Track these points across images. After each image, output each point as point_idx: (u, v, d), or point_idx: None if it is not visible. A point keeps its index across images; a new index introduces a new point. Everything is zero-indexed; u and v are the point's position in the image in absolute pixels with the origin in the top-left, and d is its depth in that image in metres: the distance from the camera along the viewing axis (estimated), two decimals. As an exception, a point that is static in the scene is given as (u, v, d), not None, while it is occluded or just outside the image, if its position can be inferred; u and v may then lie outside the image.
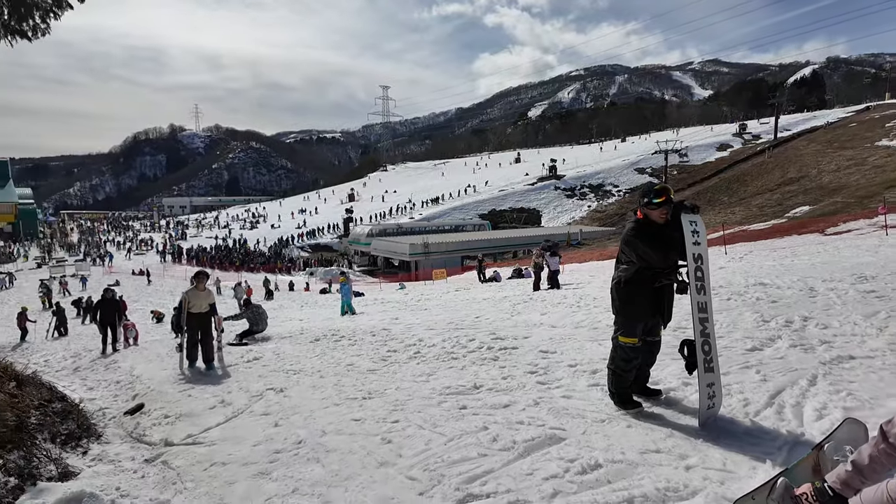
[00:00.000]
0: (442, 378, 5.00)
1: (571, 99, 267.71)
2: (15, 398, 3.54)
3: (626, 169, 78.27)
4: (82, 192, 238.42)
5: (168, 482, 3.00)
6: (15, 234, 62.23)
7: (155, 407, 4.84)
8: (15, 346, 14.00)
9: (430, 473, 2.88)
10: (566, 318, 7.89)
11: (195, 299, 7.03)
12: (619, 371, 3.57)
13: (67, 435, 3.60)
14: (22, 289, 34.86)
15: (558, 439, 3.21)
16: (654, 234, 3.37)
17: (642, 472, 2.69)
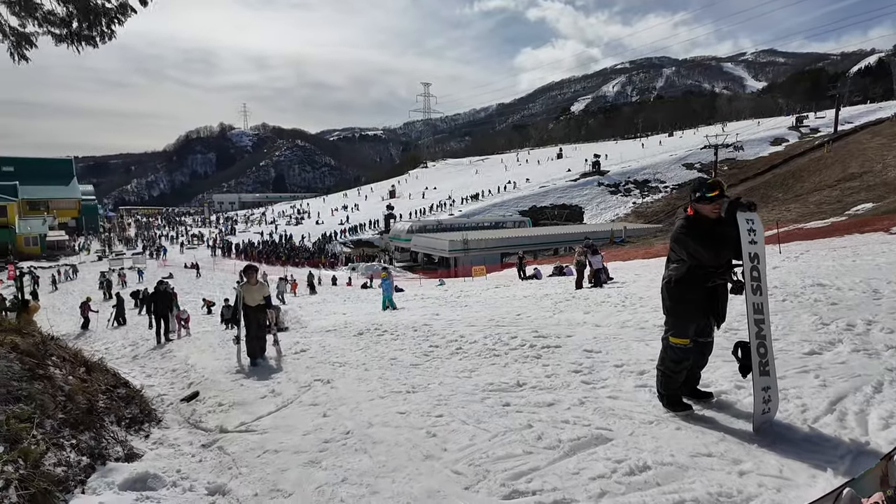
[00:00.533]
0: (484, 375, 5.01)
1: (616, 93, 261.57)
2: (85, 383, 3.78)
3: (674, 164, 75.94)
4: (139, 189, 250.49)
5: (224, 467, 3.15)
6: (78, 228, 65.99)
7: (209, 395, 5.06)
8: (78, 335, 14.88)
9: (476, 468, 2.90)
10: (611, 317, 7.75)
11: (249, 293, 7.05)
12: (669, 372, 3.49)
13: (131, 419, 3.82)
14: (85, 280, 37.00)
15: (605, 439, 3.17)
16: (705, 232, 3.27)
17: (693, 476, 2.63)
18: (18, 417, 2.62)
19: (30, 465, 2.39)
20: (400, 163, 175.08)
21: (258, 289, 7.14)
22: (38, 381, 3.13)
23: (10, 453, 2.38)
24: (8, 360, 3.13)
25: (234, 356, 7.13)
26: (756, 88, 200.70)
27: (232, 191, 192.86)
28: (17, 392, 2.84)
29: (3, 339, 3.47)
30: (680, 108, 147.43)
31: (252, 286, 7.10)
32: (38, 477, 2.38)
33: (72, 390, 3.31)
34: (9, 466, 2.31)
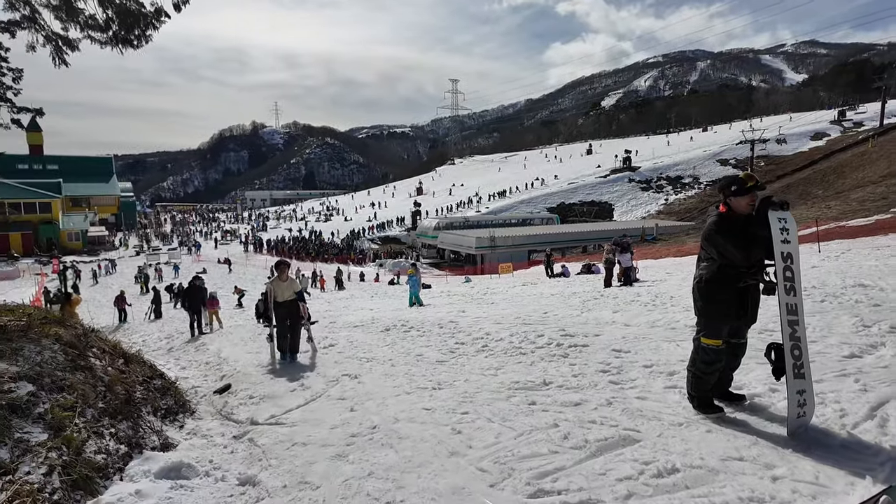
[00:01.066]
0: (510, 373, 5.00)
1: (648, 87, 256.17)
2: (123, 374, 3.92)
3: (708, 160, 73.97)
4: (174, 186, 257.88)
5: (254, 458, 3.23)
6: (117, 224, 68.38)
7: (241, 388, 5.19)
8: (116, 328, 15.42)
9: (501, 466, 2.90)
10: (640, 316, 7.62)
11: (279, 289, 6.93)
12: (700, 374, 3.41)
13: (167, 410, 3.95)
14: (123, 274, 38.34)
15: (632, 440, 3.13)
16: (737, 230, 3.19)
17: (723, 480, 2.58)
18: (62, 406, 2.74)
19: (72, 452, 2.51)
20: (427, 160, 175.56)
21: (289, 285, 7.02)
22: (79, 371, 3.27)
23: (53, 440, 2.49)
24: (52, 351, 3.28)
25: (267, 351, 7.10)
26: (796, 81, 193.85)
27: (264, 188, 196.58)
28: (61, 381, 2.97)
29: (48, 331, 3.64)
30: (715, 103, 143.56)
31: (282, 282, 6.97)
32: (79, 464, 2.49)
33: (111, 381, 3.45)
34: (52, 453, 2.42)
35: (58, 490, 2.31)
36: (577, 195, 69.37)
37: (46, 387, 2.84)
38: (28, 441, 2.42)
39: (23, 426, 2.48)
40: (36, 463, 2.33)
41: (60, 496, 2.30)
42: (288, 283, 7.03)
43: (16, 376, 2.72)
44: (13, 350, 3.05)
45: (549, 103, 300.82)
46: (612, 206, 67.17)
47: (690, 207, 62.65)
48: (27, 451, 2.34)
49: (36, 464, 2.33)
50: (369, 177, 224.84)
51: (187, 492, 2.71)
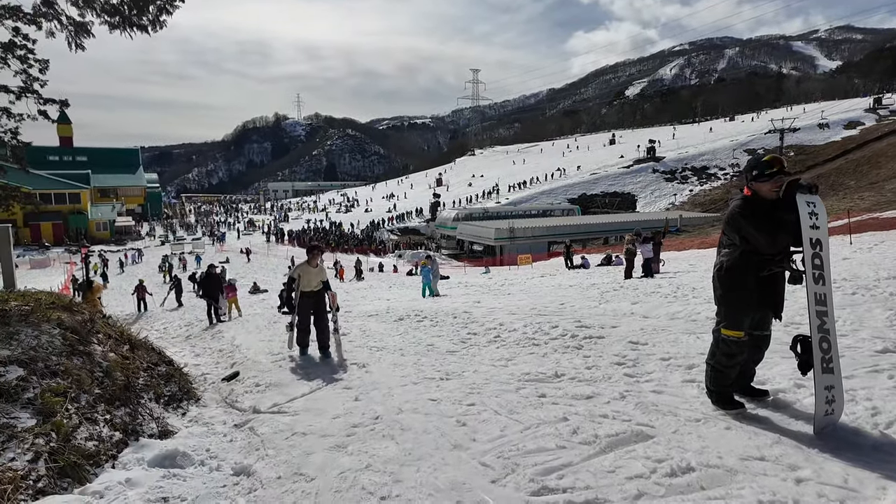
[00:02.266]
0: (521, 364, 4.84)
1: (674, 76, 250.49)
2: (126, 360, 3.89)
3: (735, 150, 72.04)
4: (199, 177, 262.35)
5: (252, 448, 3.15)
6: (143, 214, 69.87)
7: (249, 375, 5.15)
8: (137, 317, 15.68)
9: (504, 461, 2.76)
10: (660, 308, 7.37)
11: (307, 276, 6.17)
12: (720, 367, 3.21)
13: (170, 397, 3.91)
14: (149, 263, 39.16)
15: (645, 437, 2.96)
16: (762, 215, 2.97)
17: (742, 481, 2.39)
18: (53, 391, 2.69)
19: (61, 438, 2.45)
20: (447, 151, 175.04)
21: (318, 272, 6.26)
22: (77, 356, 3.22)
23: (42, 426, 2.43)
24: (50, 336, 3.24)
25: (282, 340, 6.73)
26: (829, 68, 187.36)
27: (286, 179, 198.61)
28: (55, 366, 2.93)
29: (50, 316, 3.61)
30: (743, 91, 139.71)
31: (312, 268, 6.21)
32: (68, 450, 2.43)
33: (110, 366, 3.40)
34: (40, 439, 2.36)
35: (43, 477, 2.25)
36: (599, 186, 68.35)
37: (38, 371, 2.79)
38: (14, 427, 2.36)
39: (10, 411, 2.43)
40: (21, 449, 2.27)
41: (46, 483, 2.24)
42: (317, 271, 6.28)
43: (6, 360, 2.68)
44: (8, 334, 3.01)
45: (572, 93, 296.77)
46: (635, 198, 66.01)
47: (716, 198, 61.19)
48: (13, 437, 2.28)
49: (21, 450, 2.27)
50: (389, 168, 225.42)
51: (179, 481, 2.63)
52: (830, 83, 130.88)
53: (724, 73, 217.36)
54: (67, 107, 20.07)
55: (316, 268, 6.26)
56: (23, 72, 17.68)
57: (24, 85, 18.12)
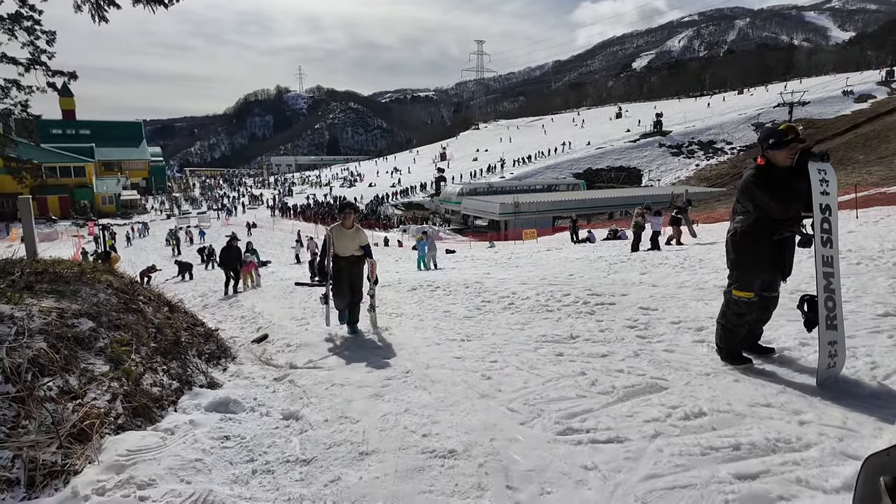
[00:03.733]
0: (537, 327, 5.09)
1: (682, 48, 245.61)
2: (170, 319, 4.14)
3: (742, 124, 71.32)
4: (202, 151, 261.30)
5: (295, 397, 3.41)
6: (148, 188, 69.98)
7: (278, 337, 5.42)
8: (156, 285, 15.97)
9: (530, 407, 3.02)
10: (668, 278, 7.60)
11: (341, 239, 5.48)
12: (730, 326, 3.44)
13: (210, 354, 4.17)
14: (156, 237, 39.51)
15: (660, 388, 3.20)
16: (775, 183, 3.15)
17: (750, 423, 2.64)
18: (119, 342, 2.94)
19: (131, 382, 2.70)
20: (451, 124, 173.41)
21: (353, 235, 5.52)
22: (131, 313, 3.47)
23: (114, 372, 2.69)
24: (106, 294, 3.48)
25: (322, 317, 5.89)
26: (842, 40, 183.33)
27: (288, 153, 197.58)
28: (117, 321, 3.17)
29: (100, 277, 3.85)
30: (753, 63, 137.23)
31: (346, 230, 5.50)
32: (138, 394, 2.68)
33: (160, 324, 3.65)
34: (115, 383, 2.62)
35: (121, 415, 2.51)
36: (604, 160, 67.94)
37: (105, 324, 3.03)
38: (92, 371, 2.61)
39: (87, 357, 2.67)
40: (101, 390, 2.52)
41: (124, 421, 2.50)
42: (353, 234, 5.53)
43: (77, 313, 2.92)
44: (72, 291, 3.25)
45: (578, 65, 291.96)
46: (641, 172, 65.69)
47: (723, 173, 60.87)
48: (92, 380, 2.53)
49: (101, 391, 2.52)
50: (392, 142, 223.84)
51: (236, 423, 2.90)
52: (843, 55, 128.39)
53: (734, 45, 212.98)
54: (76, 79, 19.98)
55: (350, 229, 5.52)
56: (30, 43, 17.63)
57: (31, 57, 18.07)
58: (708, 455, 2.36)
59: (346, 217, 5.55)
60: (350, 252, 5.54)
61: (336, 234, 5.52)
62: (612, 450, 2.47)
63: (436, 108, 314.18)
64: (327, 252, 5.52)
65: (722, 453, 2.36)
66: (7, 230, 35.61)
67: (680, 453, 2.38)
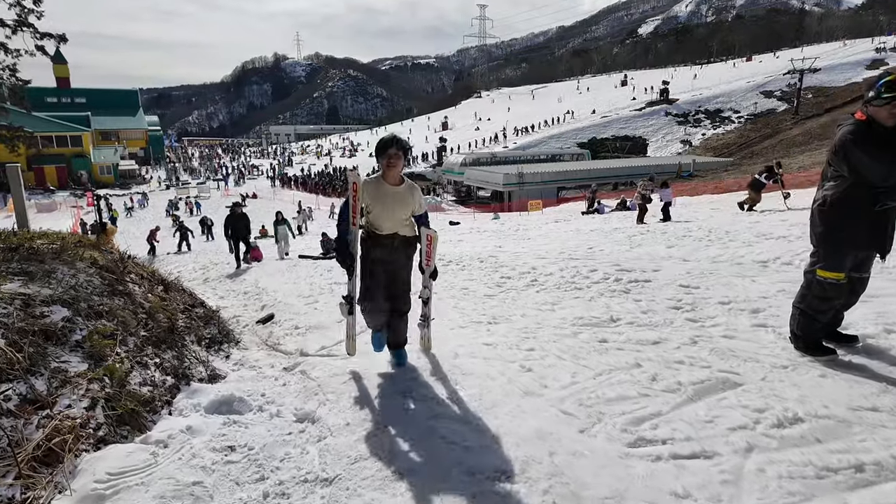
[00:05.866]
0: (569, 308, 4.63)
1: (689, 13, 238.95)
2: (164, 301, 3.68)
3: (751, 92, 69.63)
4: (200, 120, 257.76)
5: (310, 392, 2.97)
6: (146, 158, 68.86)
7: (284, 318, 4.96)
8: (149, 262, 15.53)
9: (587, 409, 2.57)
10: (698, 251, 7.11)
11: (380, 203, 3.14)
12: (812, 311, 2.96)
13: (211, 339, 3.72)
14: (155, 207, 38.88)
15: (733, 384, 2.75)
16: (878, 142, 2.62)
17: (861, 433, 2.19)
18: (101, 333, 2.47)
19: (115, 383, 2.25)
20: (452, 93, 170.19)
21: (403, 195, 3.19)
22: (118, 296, 3.00)
23: (94, 371, 2.23)
24: (88, 275, 3.00)
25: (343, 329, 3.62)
26: (854, 4, 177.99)
27: (287, 122, 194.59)
28: (99, 307, 2.70)
29: (83, 254, 3.36)
30: (762, 29, 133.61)
31: (390, 186, 3.17)
32: (124, 396, 2.23)
33: (152, 308, 3.19)
34: (94, 384, 2.16)
35: (103, 426, 2.06)
36: (609, 129, 66.53)
37: (83, 312, 2.56)
38: (66, 371, 2.15)
39: (59, 354, 2.22)
40: (77, 395, 2.07)
41: (106, 432, 2.06)
42: (402, 193, 3.19)
43: (48, 300, 2.45)
44: (45, 272, 2.77)
45: (582, 31, 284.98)
46: (647, 141, 64.41)
47: (729, 143, 59.69)
48: (66, 383, 2.08)
49: (77, 396, 2.07)
50: (393, 111, 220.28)
51: (241, 428, 2.46)
52: (855, 19, 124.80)
53: (743, 10, 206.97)
54: (65, 42, 19.02)
55: (399, 185, 3.17)
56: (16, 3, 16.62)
57: (18, 18, 17.06)
58: (826, 478, 1.91)
59: (392, 162, 3.08)
60: (395, 227, 3.15)
61: (372, 192, 3.10)
62: (702, 469, 2.03)
63: (436, 75, 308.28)
64: (351, 221, 3.17)
65: (843, 476, 1.92)
66: (5, 201, 35.02)
67: (790, 475, 1.94)
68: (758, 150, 52.55)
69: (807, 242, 6.74)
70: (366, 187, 3.15)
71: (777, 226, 8.97)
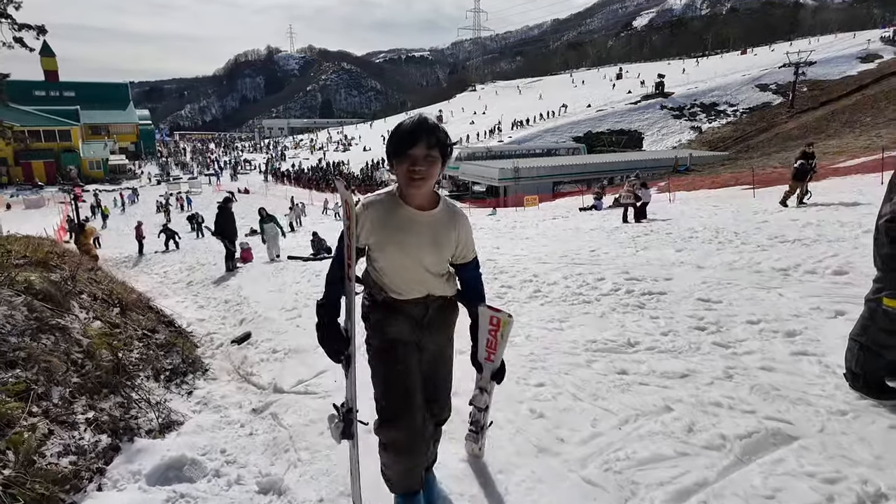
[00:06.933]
0: (579, 327, 4.16)
1: (684, 5, 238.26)
2: (117, 328, 3.18)
3: (746, 85, 69.35)
4: (192, 114, 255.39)
5: (279, 448, 2.48)
6: (137, 152, 67.84)
7: (262, 337, 4.47)
8: (137, 260, 14.98)
9: (616, 477, 2.10)
10: (710, 256, 6.65)
11: (393, 246, 1.74)
12: (875, 346, 2.50)
13: (172, 370, 3.23)
14: (146, 203, 38.16)
15: (787, 437, 2.29)
16: None
17: (969, 520, 1.73)
18: (10, 392, 1.98)
19: (21, 462, 1.76)
20: (447, 86, 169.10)
21: (434, 230, 1.76)
22: (47, 333, 2.50)
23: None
24: (10, 307, 2.50)
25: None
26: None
27: (280, 116, 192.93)
28: (14, 353, 2.20)
29: (16, 277, 2.86)
30: (757, 22, 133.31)
31: (413, 211, 1.74)
32: (31, 478, 1.74)
33: (93, 343, 2.69)
34: (-11, 466, 1.67)
35: (-6, 526, 1.57)
36: (605, 123, 66.07)
37: (-12, 363, 2.08)
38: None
39: (-59, 430, 1.73)
40: (-41, 486, 1.58)
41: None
42: (440, 222, 1.77)
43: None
44: (-53, 310, 2.27)
45: (577, 24, 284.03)
46: (642, 135, 64.01)
47: (725, 136, 59.39)
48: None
49: (-41, 488, 1.57)
50: (387, 104, 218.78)
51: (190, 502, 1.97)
52: (849, 12, 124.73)
53: (738, 2, 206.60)
54: (45, 33, 18.27)
55: (431, 210, 1.76)
56: (-8, -7, 15.80)
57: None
58: None
59: (419, 171, 1.63)
60: (423, 285, 1.82)
61: (380, 223, 1.73)
62: (777, 578, 1.57)
63: (431, 68, 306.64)
64: (346, 272, 1.77)
65: None
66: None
67: None
68: (753, 144, 52.26)
69: (827, 247, 6.35)
70: (369, 213, 1.71)
71: (788, 226, 8.54)
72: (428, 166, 1.63)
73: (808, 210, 10.48)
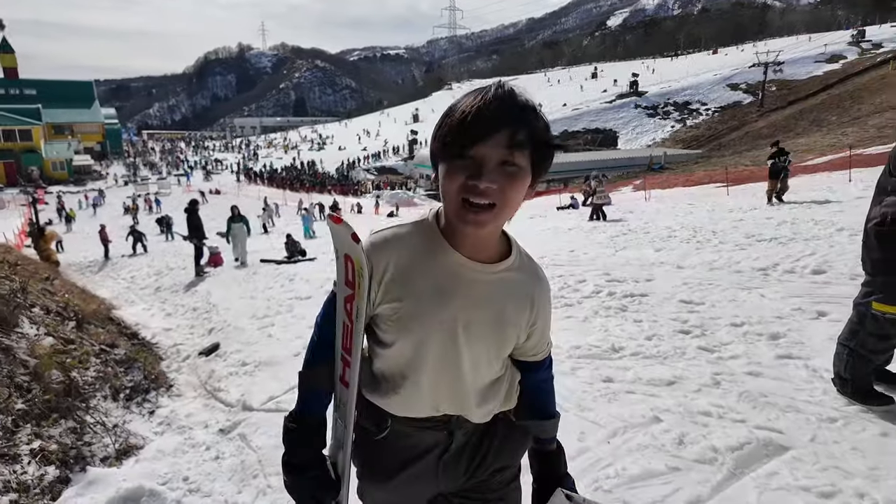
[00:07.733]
0: (561, 332, 4.06)
1: (657, 5, 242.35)
2: (71, 344, 2.95)
3: (717, 85, 70.72)
4: (161, 113, 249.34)
5: (248, 473, 2.31)
6: (103, 152, 65.79)
7: (231, 349, 4.26)
8: (103, 265, 14.43)
9: (606, 497, 1.99)
10: (690, 256, 6.65)
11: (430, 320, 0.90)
12: (865, 352, 2.46)
13: (132, 388, 3.02)
14: (113, 205, 36.97)
15: (779, 448, 2.22)
16: None
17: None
18: (-63, 425, 1.77)
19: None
20: (423, 84, 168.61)
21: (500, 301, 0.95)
22: (-13, 356, 2.29)
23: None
24: (-55, 328, 2.27)
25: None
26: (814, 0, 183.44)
27: (253, 115, 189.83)
28: (-55, 381, 1.99)
29: (-45, 292, 2.61)
30: (727, 22, 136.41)
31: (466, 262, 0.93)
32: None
33: (41, 364, 2.47)
34: None
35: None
36: (580, 122, 66.70)
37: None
38: None
39: None
40: None
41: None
42: (510, 286, 0.96)
43: None
44: None
45: (552, 23, 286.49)
46: (617, 134, 64.80)
47: (698, 135, 60.51)
48: None
49: None
50: (362, 103, 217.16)
51: (147, 541, 1.80)
52: (814, 14, 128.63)
53: (708, 3, 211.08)
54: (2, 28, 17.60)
55: (498, 265, 0.96)
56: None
57: (-57, 1, 15.61)
58: None
59: (481, 187, 0.81)
60: (461, 398, 0.98)
61: (399, 275, 0.92)
62: None
63: (407, 67, 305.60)
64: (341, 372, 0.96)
65: None
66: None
67: None
68: (725, 143, 53.39)
69: (803, 246, 6.40)
70: (387, 255, 0.93)
71: (764, 224, 8.62)
72: (505, 182, 0.83)
73: (782, 208, 10.63)
